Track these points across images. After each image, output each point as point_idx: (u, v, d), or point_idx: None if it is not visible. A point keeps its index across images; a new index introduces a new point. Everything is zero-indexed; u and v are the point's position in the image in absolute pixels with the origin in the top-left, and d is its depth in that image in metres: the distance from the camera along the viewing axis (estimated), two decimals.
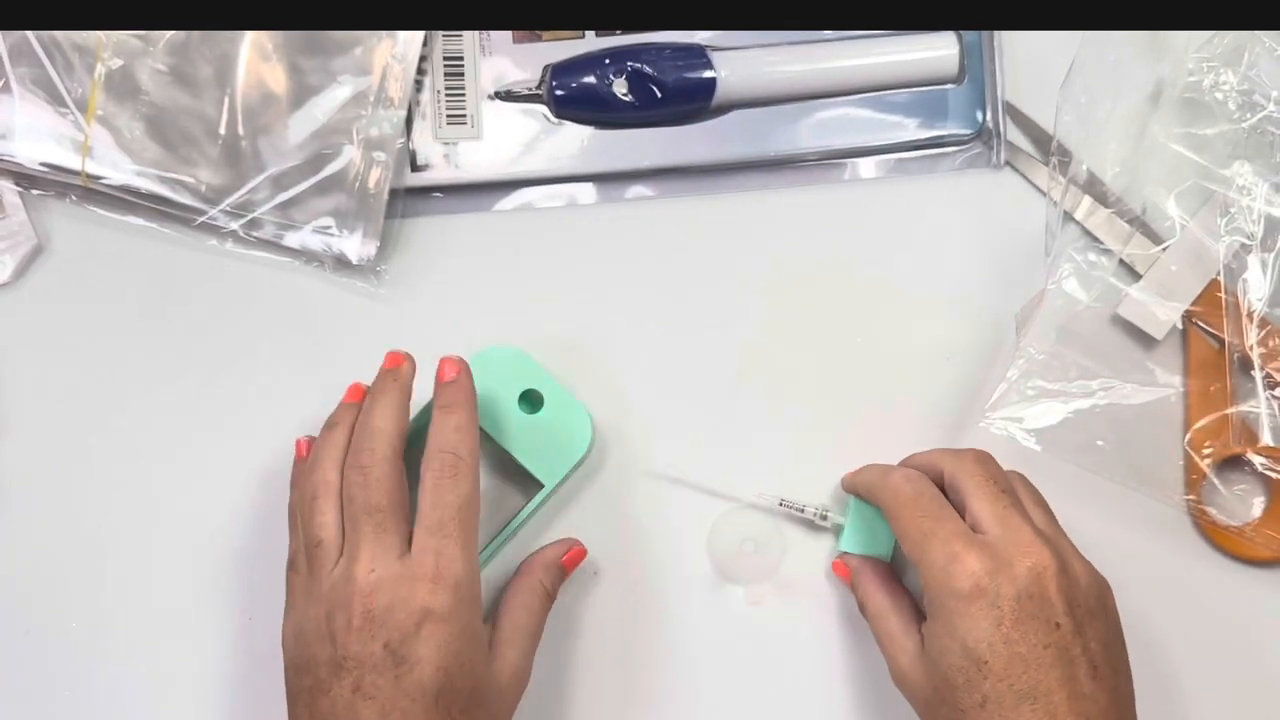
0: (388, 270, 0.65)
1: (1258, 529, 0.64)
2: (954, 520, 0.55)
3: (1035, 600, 0.52)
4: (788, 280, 0.66)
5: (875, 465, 0.61)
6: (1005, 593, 0.52)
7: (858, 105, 0.67)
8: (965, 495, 0.56)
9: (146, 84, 0.63)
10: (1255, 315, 0.63)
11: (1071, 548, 0.56)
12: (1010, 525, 0.54)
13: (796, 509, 0.63)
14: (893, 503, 0.57)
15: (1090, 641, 0.52)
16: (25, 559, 0.64)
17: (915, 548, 0.55)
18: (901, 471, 0.58)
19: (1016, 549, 0.53)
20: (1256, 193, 0.64)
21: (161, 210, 0.64)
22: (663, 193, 0.67)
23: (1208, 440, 0.63)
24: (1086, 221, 0.66)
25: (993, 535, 0.54)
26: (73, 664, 0.63)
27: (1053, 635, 0.52)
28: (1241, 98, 0.64)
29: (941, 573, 0.53)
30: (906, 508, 0.56)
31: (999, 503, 0.55)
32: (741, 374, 0.66)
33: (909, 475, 0.58)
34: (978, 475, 0.56)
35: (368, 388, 0.59)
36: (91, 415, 0.65)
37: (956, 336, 0.66)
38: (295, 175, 0.63)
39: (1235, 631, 0.64)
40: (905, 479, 0.57)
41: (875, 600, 0.59)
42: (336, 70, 0.64)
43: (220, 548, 0.64)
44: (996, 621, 0.52)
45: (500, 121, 0.66)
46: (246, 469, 0.64)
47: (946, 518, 0.55)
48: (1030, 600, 0.52)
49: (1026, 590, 0.52)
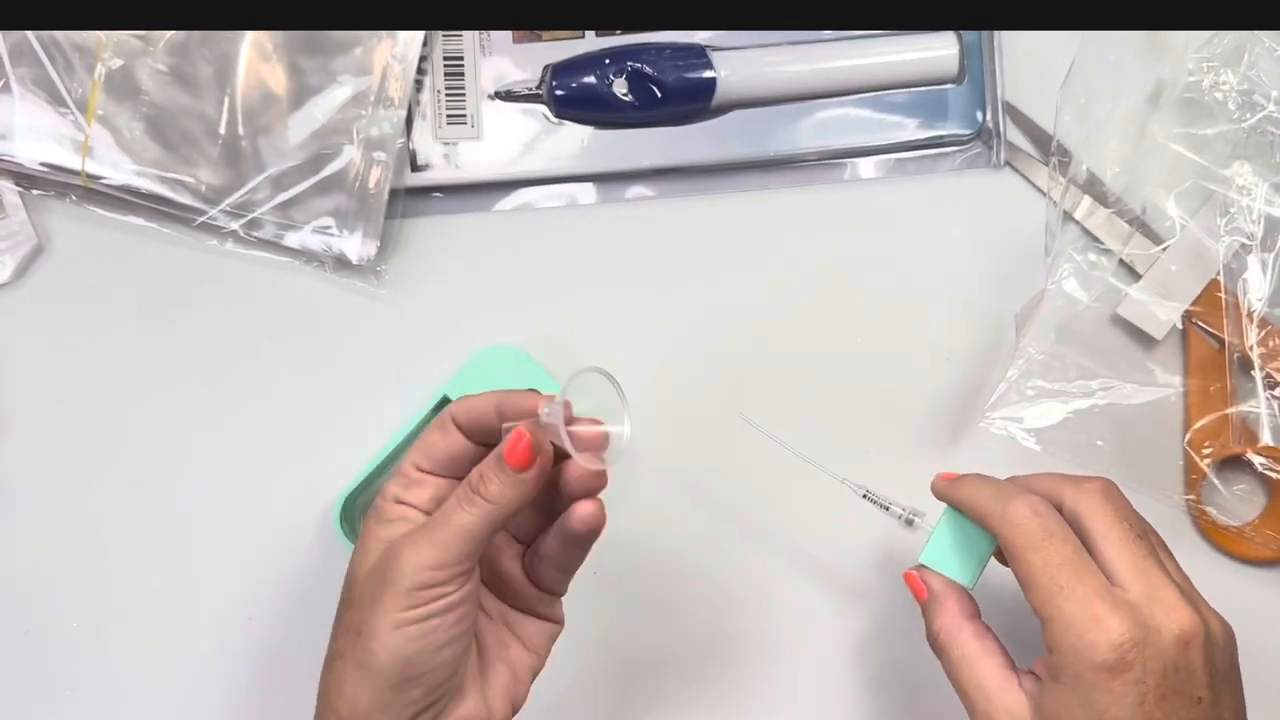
0: (388, 270, 0.65)
1: (1257, 529, 0.64)
2: (1095, 574, 0.48)
3: (1181, 675, 0.47)
4: (787, 280, 0.66)
5: (983, 478, 0.53)
6: (1152, 668, 0.47)
7: (857, 105, 0.67)
8: (1095, 539, 0.49)
9: (147, 84, 0.63)
10: (1255, 315, 0.63)
11: (1204, 600, 0.51)
12: (1152, 581, 0.48)
13: (882, 504, 0.58)
14: (1017, 539, 0.49)
15: (1225, 711, 0.49)
16: (25, 559, 0.64)
17: (1045, 600, 0.48)
18: (1025, 499, 0.50)
19: (1164, 613, 0.47)
20: (1256, 193, 0.64)
21: (161, 210, 0.64)
22: (663, 193, 0.67)
23: (1208, 440, 0.63)
24: (1086, 221, 0.66)
25: (1135, 593, 0.48)
26: (73, 664, 0.63)
27: (1194, 710, 0.47)
28: (1241, 98, 0.64)
29: (1079, 638, 0.47)
30: (1037, 550, 0.49)
31: (1137, 551, 0.49)
32: (741, 374, 0.66)
33: (1035, 506, 0.50)
34: (1109, 514, 0.50)
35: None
36: (91, 415, 0.65)
37: (956, 336, 0.66)
38: (295, 175, 0.63)
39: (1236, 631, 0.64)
40: (1032, 510, 0.50)
41: (961, 640, 0.51)
42: (336, 70, 0.64)
43: (220, 547, 0.64)
44: (1140, 699, 0.46)
45: (500, 121, 0.66)
46: (246, 468, 0.64)
47: (1087, 570, 0.48)
48: (1176, 675, 0.47)
49: (1174, 664, 0.47)
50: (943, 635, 0.52)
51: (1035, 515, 0.49)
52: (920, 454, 0.65)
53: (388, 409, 0.64)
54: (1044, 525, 0.49)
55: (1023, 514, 0.49)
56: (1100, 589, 0.47)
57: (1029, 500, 0.50)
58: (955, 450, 0.65)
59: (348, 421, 0.64)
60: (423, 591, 0.47)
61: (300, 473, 0.64)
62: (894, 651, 0.64)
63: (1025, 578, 0.49)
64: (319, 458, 0.64)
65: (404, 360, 0.65)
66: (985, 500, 0.51)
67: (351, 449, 0.63)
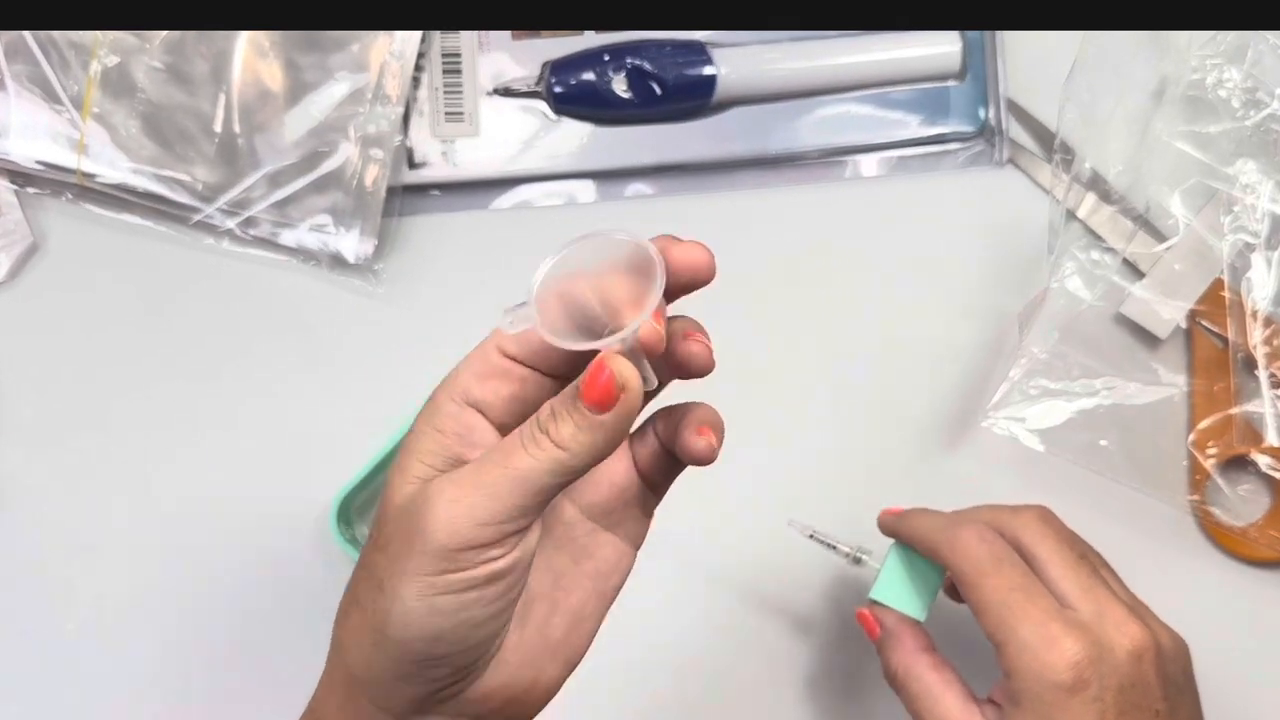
0: (385, 268, 0.65)
1: (1261, 529, 0.63)
2: (1045, 596, 0.49)
3: (1138, 689, 0.48)
4: (788, 278, 0.66)
5: (928, 512, 0.54)
6: (1109, 684, 0.47)
7: (859, 102, 0.66)
8: (1040, 563, 0.50)
9: (142, 81, 0.63)
10: (1259, 314, 0.63)
11: (1152, 614, 0.51)
12: (1099, 599, 0.49)
13: (829, 544, 0.59)
14: (968, 568, 0.50)
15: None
16: (24, 559, 0.64)
17: (999, 624, 0.48)
18: (972, 527, 0.51)
19: (1115, 629, 0.48)
20: (1260, 191, 0.63)
21: (157, 208, 0.64)
22: (662, 190, 0.67)
23: (1211, 440, 0.63)
24: (1089, 220, 0.65)
25: (1085, 613, 0.48)
26: (73, 664, 0.63)
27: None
28: (1245, 95, 0.64)
29: (1035, 659, 0.47)
30: (988, 576, 0.49)
31: (1081, 571, 0.50)
32: (741, 373, 0.65)
33: (982, 533, 0.50)
34: (1051, 539, 0.50)
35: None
36: (88, 414, 0.64)
37: (958, 335, 0.66)
38: (292, 173, 0.63)
39: (1239, 632, 0.64)
40: (979, 538, 0.50)
41: (919, 674, 0.51)
42: (333, 67, 0.63)
43: (217, 546, 0.64)
44: (1099, 716, 0.47)
45: (498, 118, 0.65)
46: (243, 467, 0.64)
47: (1037, 593, 0.49)
48: (1133, 690, 0.48)
49: (1129, 679, 0.48)
50: (900, 671, 0.52)
51: (983, 542, 0.50)
52: (922, 453, 0.65)
53: (384, 408, 0.63)
54: (993, 552, 0.49)
55: (971, 542, 0.50)
56: (1052, 610, 0.48)
57: (975, 528, 0.50)
58: (957, 450, 0.65)
59: (344, 421, 0.64)
60: (462, 554, 0.37)
61: (297, 472, 0.64)
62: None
63: (978, 604, 0.49)
64: (316, 457, 0.64)
65: (401, 359, 0.65)
66: (933, 532, 0.52)
67: (349, 448, 0.63)
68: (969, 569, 0.49)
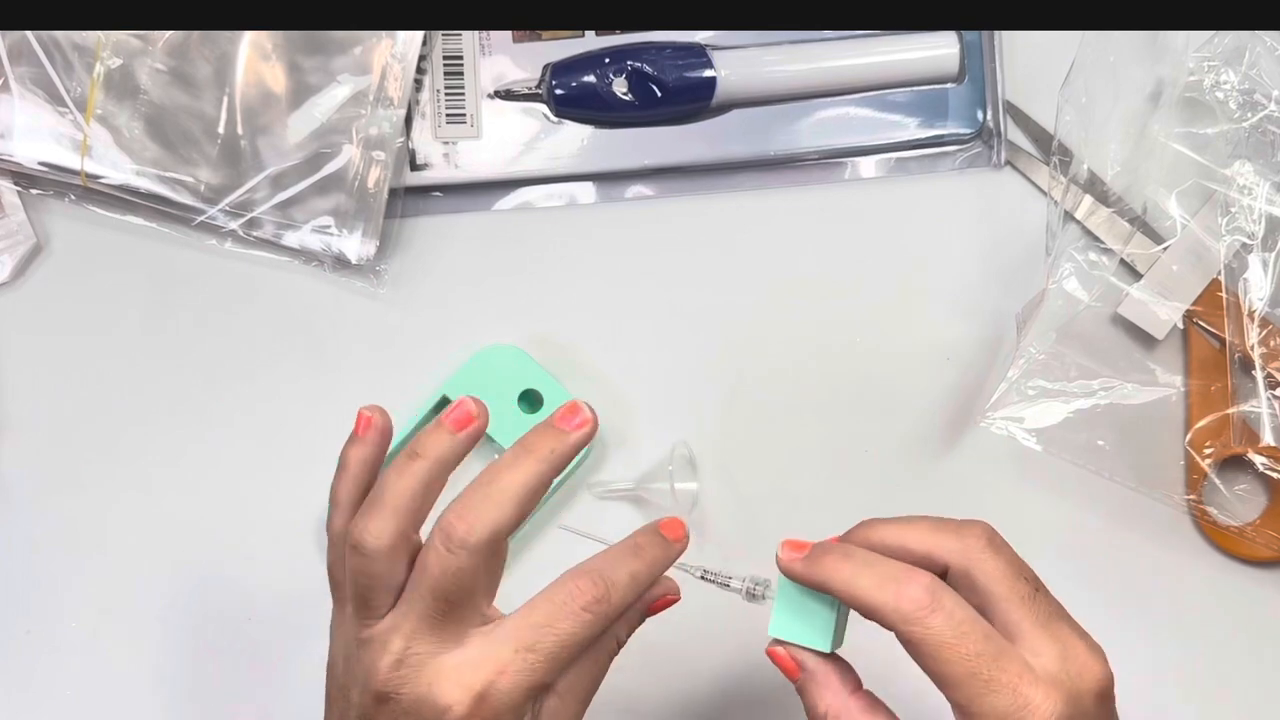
0: (387, 270, 0.65)
1: (1258, 529, 0.64)
2: (1011, 657, 0.44)
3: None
4: (788, 280, 0.66)
5: (846, 552, 0.47)
6: None
7: (858, 104, 0.66)
8: (995, 600, 0.46)
9: (146, 83, 0.63)
10: (1256, 315, 0.63)
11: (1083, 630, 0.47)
12: (1060, 637, 0.46)
13: (721, 581, 0.52)
14: (926, 640, 0.44)
15: None
16: (25, 558, 0.64)
17: (970, 699, 0.44)
18: (915, 582, 0.45)
19: (1080, 673, 0.45)
20: (1257, 192, 0.64)
21: (161, 210, 0.64)
22: (663, 192, 0.67)
23: (1208, 440, 0.63)
24: (1087, 221, 0.65)
25: (1049, 658, 0.45)
26: (73, 664, 0.63)
27: None
28: (1242, 97, 0.64)
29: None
30: (950, 648, 0.44)
31: (1038, 608, 0.46)
32: (741, 373, 0.66)
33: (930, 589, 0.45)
34: (1005, 574, 0.46)
35: (476, 412, 0.49)
36: (91, 415, 0.65)
37: (957, 336, 0.66)
38: (294, 175, 0.63)
39: (1236, 632, 0.64)
40: (931, 599, 0.45)
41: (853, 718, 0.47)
42: (336, 69, 0.63)
43: (218, 546, 0.64)
44: None
45: (500, 121, 0.66)
46: (245, 468, 0.64)
47: (1005, 656, 0.44)
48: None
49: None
50: (830, 717, 0.47)
51: (937, 608, 0.44)
52: (920, 454, 0.65)
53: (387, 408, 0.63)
54: (950, 619, 0.44)
55: (922, 606, 0.44)
56: (1022, 671, 0.44)
57: (919, 583, 0.45)
58: (955, 450, 0.65)
59: (346, 421, 0.64)
60: None
61: (299, 473, 0.64)
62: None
63: (943, 677, 0.44)
64: (318, 458, 0.64)
65: (403, 360, 0.65)
66: (869, 589, 0.45)
67: None
68: (927, 642, 0.44)
